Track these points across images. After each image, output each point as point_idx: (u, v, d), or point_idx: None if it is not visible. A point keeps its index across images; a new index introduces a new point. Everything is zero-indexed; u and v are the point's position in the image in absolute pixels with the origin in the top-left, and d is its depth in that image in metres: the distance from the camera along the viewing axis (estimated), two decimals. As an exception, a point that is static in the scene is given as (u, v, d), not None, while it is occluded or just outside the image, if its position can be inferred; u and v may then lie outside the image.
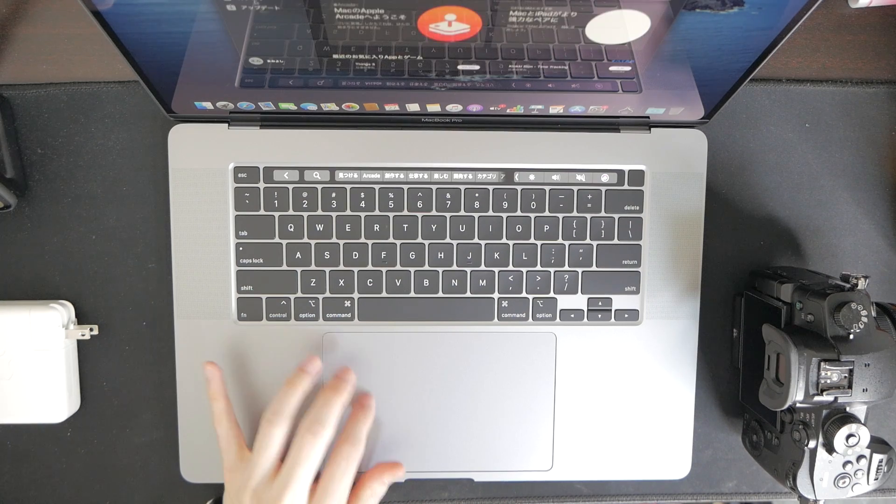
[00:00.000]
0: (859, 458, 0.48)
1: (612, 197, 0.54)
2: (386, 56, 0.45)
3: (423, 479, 0.57)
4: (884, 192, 0.58)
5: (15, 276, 0.55)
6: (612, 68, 0.47)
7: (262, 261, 0.54)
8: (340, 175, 0.54)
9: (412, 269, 0.54)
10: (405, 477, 0.54)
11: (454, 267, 0.55)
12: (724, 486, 0.59)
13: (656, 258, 0.55)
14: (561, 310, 0.55)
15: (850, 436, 0.46)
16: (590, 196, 0.54)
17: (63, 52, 0.55)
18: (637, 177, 0.55)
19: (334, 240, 0.54)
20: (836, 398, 0.45)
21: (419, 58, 0.45)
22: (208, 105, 0.51)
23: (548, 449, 0.56)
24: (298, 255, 0.54)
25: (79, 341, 0.56)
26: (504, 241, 0.55)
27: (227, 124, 0.53)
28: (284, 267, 0.54)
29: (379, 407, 0.55)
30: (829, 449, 0.47)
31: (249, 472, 0.48)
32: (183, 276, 0.54)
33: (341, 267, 0.54)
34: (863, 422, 0.47)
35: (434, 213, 0.54)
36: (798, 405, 0.46)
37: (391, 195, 0.54)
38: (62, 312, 0.54)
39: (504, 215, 0.54)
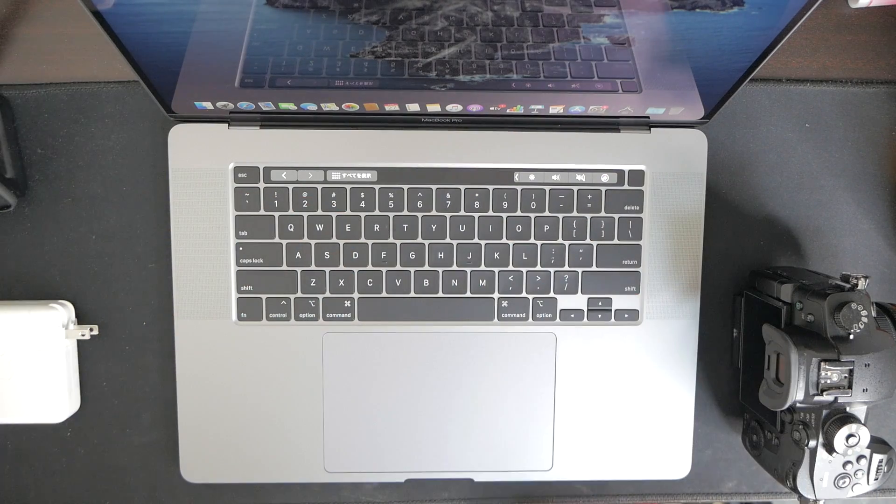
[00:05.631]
0: (859, 458, 0.48)
1: (611, 197, 0.54)
2: (387, 56, 0.45)
3: (423, 479, 0.57)
4: (884, 192, 0.58)
5: (15, 276, 0.55)
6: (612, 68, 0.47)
7: (262, 261, 0.54)
8: (340, 175, 0.54)
9: (412, 269, 0.54)
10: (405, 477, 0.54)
11: (454, 267, 0.54)
12: (724, 486, 0.59)
13: (656, 258, 0.55)
14: (561, 310, 0.55)
15: (850, 436, 0.46)
16: (590, 196, 0.54)
17: (63, 52, 0.55)
18: (637, 177, 0.55)
19: (334, 240, 0.54)
20: (836, 398, 0.45)
21: (419, 58, 0.45)
22: (208, 105, 0.51)
23: (548, 449, 0.56)
24: (298, 255, 0.54)
25: (79, 341, 0.56)
26: (504, 241, 0.55)
27: (227, 124, 0.53)
28: (284, 267, 0.54)
29: (379, 407, 0.55)
30: (829, 449, 0.47)
31: None
32: (183, 276, 0.54)
33: (341, 267, 0.54)
34: (863, 422, 0.47)
35: (434, 213, 0.54)
36: (798, 405, 0.46)
37: (391, 195, 0.54)
38: (62, 312, 0.54)
39: (504, 215, 0.54)
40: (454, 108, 0.51)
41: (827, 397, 0.45)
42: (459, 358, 0.55)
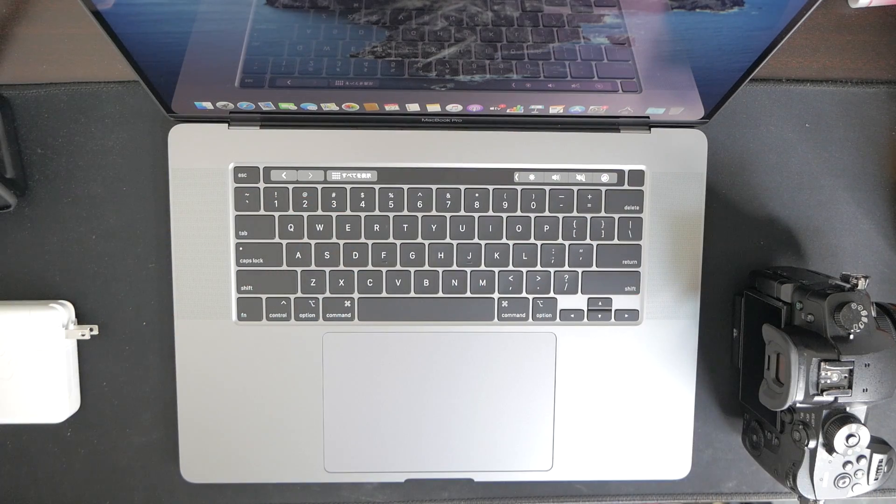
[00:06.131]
0: (859, 458, 0.48)
1: (612, 197, 0.54)
2: (387, 56, 0.45)
3: (423, 479, 0.57)
4: (884, 192, 0.58)
5: (15, 276, 0.55)
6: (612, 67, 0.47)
7: (262, 261, 0.54)
8: (340, 175, 0.54)
9: (412, 269, 0.54)
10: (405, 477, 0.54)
11: (454, 267, 0.54)
12: (724, 486, 0.59)
13: (656, 258, 0.55)
14: (561, 310, 0.55)
15: (850, 436, 0.46)
16: (590, 196, 0.54)
17: (63, 52, 0.55)
18: (637, 177, 0.55)
19: (334, 240, 0.54)
20: (836, 398, 0.45)
21: (419, 58, 0.45)
22: (208, 105, 0.51)
23: (548, 449, 0.56)
24: (298, 255, 0.54)
25: (79, 341, 0.56)
26: (504, 241, 0.55)
27: (227, 124, 0.53)
28: (284, 267, 0.54)
29: (379, 407, 0.55)
30: (829, 449, 0.47)
31: None
32: (183, 276, 0.54)
33: (341, 267, 0.54)
34: (863, 422, 0.47)
35: (434, 213, 0.54)
36: (798, 405, 0.46)
37: (391, 195, 0.54)
38: (62, 312, 0.54)
39: (504, 215, 0.54)
40: (454, 108, 0.51)
41: (827, 397, 0.45)
42: (459, 358, 0.55)
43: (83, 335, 0.54)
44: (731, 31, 0.43)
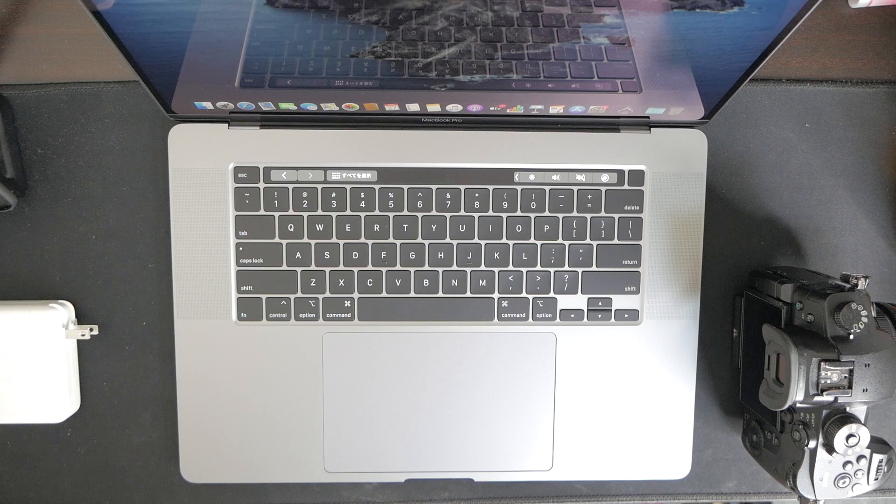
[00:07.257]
0: (859, 458, 0.48)
1: (612, 197, 0.54)
2: (387, 56, 0.45)
3: (423, 479, 0.57)
4: (884, 192, 0.58)
5: (15, 276, 0.55)
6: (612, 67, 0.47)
7: (262, 261, 0.54)
8: (340, 175, 0.54)
9: (412, 269, 0.54)
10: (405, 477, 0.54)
11: (454, 267, 0.54)
12: (724, 486, 0.59)
13: (656, 258, 0.55)
14: (561, 310, 0.55)
15: (850, 436, 0.46)
16: (590, 196, 0.54)
17: (63, 52, 0.55)
18: (637, 177, 0.55)
19: (334, 240, 0.54)
20: (836, 398, 0.45)
21: (419, 58, 0.45)
22: (208, 105, 0.51)
23: (548, 449, 0.56)
24: (298, 255, 0.54)
25: (79, 341, 0.56)
26: (504, 241, 0.55)
27: (227, 124, 0.53)
28: (284, 267, 0.54)
29: (379, 407, 0.55)
30: (829, 449, 0.47)
31: None
32: (183, 276, 0.54)
33: (341, 267, 0.54)
34: (863, 422, 0.47)
35: (434, 213, 0.54)
36: (798, 405, 0.46)
37: (391, 195, 0.54)
38: (62, 312, 0.54)
39: (504, 215, 0.54)
40: (454, 108, 0.51)
41: (827, 397, 0.45)
42: (459, 358, 0.55)
43: (83, 335, 0.54)
44: (731, 31, 0.43)
